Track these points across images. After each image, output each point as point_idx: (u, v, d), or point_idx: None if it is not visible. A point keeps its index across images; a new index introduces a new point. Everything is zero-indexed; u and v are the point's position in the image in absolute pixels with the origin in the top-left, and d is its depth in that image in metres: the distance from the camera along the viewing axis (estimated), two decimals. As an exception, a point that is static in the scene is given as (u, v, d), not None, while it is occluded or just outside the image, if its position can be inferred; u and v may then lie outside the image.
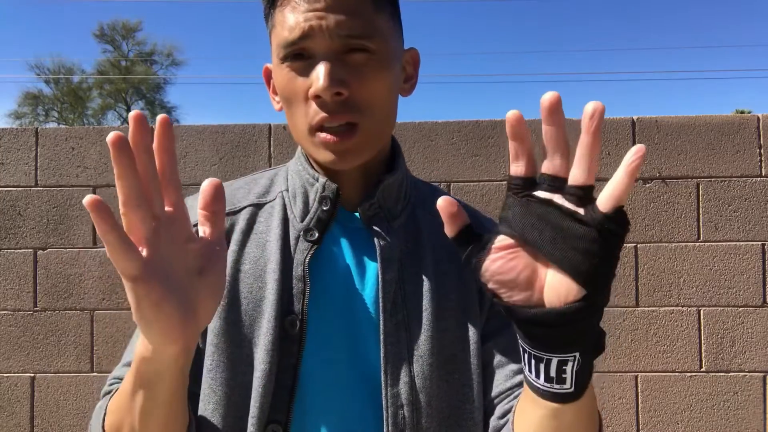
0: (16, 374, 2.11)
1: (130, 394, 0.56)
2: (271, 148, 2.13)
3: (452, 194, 2.10)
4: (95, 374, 2.10)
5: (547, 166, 0.47)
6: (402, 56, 0.74)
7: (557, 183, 0.47)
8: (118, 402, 0.60)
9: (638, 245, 2.06)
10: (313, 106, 0.66)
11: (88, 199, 0.44)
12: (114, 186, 2.11)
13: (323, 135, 0.66)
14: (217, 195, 0.55)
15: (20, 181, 2.14)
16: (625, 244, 2.06)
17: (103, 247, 1.98)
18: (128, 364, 0.69)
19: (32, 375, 2.11)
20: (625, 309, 2.06)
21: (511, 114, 0.47)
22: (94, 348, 2.10)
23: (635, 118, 2.10)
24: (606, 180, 0.49)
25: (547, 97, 0.46)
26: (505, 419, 0.67)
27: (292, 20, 0.65)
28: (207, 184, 0.55)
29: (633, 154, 0.45)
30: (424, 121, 2.13)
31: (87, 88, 29.37)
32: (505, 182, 2.09)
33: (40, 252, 2.12)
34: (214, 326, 0.69)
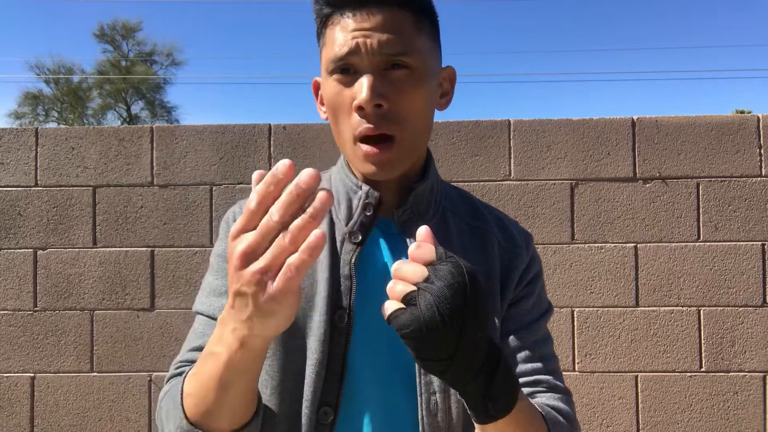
0: (16, 374, 2.11)
1: (218, 386, 0.60)
2: (271, 148, 2.13)
3: (452, 194, 2.09)
4: (95, 374, 2.10)
5: None
6: (439, 73, 0.80)
7: None
8: (198, 390, 0.64)
9: (638, 245, 2.06)
10: (356, 117, 0.72)
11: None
12: (113, 186, 2.12)
13: (365, 147, 0.73)
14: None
15: (20, 181, 2.14)
16: (625, 244, 2.07)
17: (103, 247, 1.96)
18: (197, 349, 0.75)
19: (32, 375, 2.11)
20: (625, 309, 2.06)
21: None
22: (94, 348, 2.10)
23: (635, 118, 2.10)
24: (606, 180, 0.49)
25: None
26: None
27: (341, 38, 0.72)
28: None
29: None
30: (424, 121, 2.13)
31: (87, 88, 29.32)
32: (505, 182, 2.09)
33: (40, 252, 2.12)
34: None
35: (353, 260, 0.76)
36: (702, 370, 2.04)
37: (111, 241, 2.12)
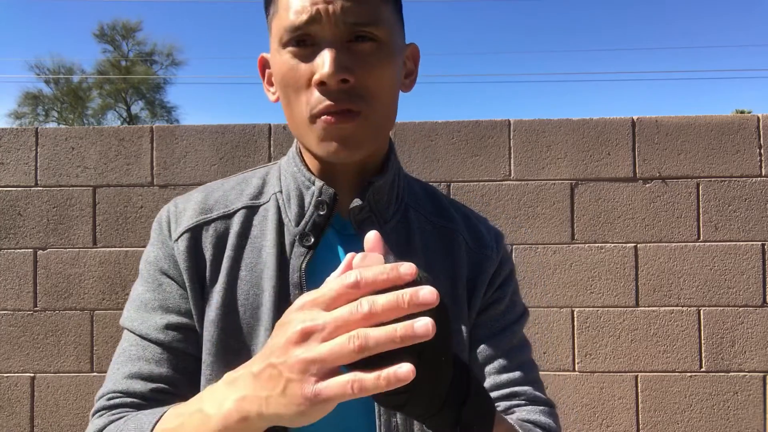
0: (16, 374, 2.11)
1: None
2: (271, 148, 2.13)
3: (452, 194, 2.10)
4: (95, 374, 2.10)
5: None
6: (404, 50, 0.72)
7: None
8: None
9: (638, 245, 2.06)
10: (316, 93, 0.64)
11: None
12: (113, 186, 2.12)
13: (325, 118, 0.64)
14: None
15: (20, 181, 2.14)
16: (624, 244, 2.07)
17: (103, 247, 1.97)
18: (134, 376, 0.67)
19: (32, 375, 2.11)
20: (625, 309, 2.06)
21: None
22: (94, 348, 2.10)
23: (635, 118, 2.10)
24: (606, 180, 0.49)
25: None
26: None
27: (297, 4, 0.63)
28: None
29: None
30: (424, 121, 2.13)
31: (87, 88, 29.33)
32: (506, 182, 2.09)
33: (40, 252, 2.12)
34: (211, 336, 0.68)
35: (304, 266, 0.68)
36: (702, 370, 2.04)
37: (111, 241, 2.12)
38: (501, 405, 0.70)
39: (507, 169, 2.10)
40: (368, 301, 0.43)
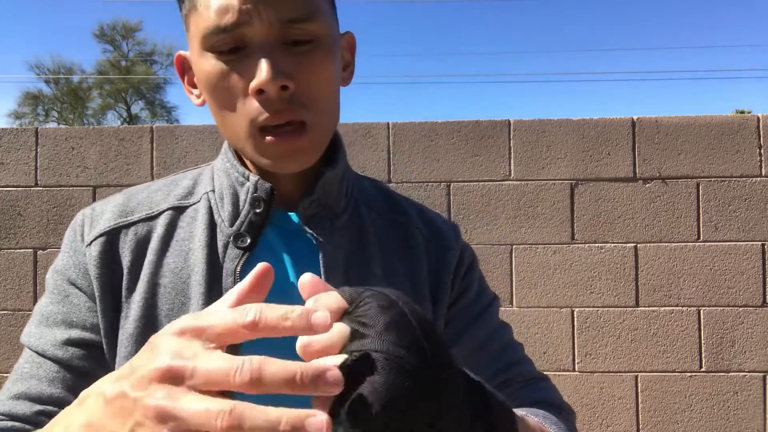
0: (16, 374, 2.11)
1: None
2: (271, 148, 2.13)
3: (452, 194, 2.10)
4: (95, 374, 2.10)
5: None
6: (340, 42, 0.66)
7: None
8: None
9: (638, 245, 2.06)
10: (255, 102, 0.58)
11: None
12: (113, 186, 2.12)
13: (269, 138, 0.58)
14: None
15: (20, 181, 2.14)
16: (625, 244, 2.07)
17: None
18: (20, 396, 0.60)
19: (32, 375, 2.11)
20: (625, 309, 2.06)
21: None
22: (94, 348, 2.10)
23: (635, 118, 2.10)
24: (606, 180, 0.49)
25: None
26: None
27: (221, 0, 0.56)
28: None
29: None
30: (424, 121, 2.13)
31: (87, 88, 29.37)
32: (506, 182, 2.10)
33: (40, 252, 2.12)
34: (128, 352, 0.60)
35: (238, 269, 0.61)
36: (702, 370, 2.04)
37: (111, 241, 2.12)
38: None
39: (507, 169, 2.10)
40: (253, 365, 0.33)
